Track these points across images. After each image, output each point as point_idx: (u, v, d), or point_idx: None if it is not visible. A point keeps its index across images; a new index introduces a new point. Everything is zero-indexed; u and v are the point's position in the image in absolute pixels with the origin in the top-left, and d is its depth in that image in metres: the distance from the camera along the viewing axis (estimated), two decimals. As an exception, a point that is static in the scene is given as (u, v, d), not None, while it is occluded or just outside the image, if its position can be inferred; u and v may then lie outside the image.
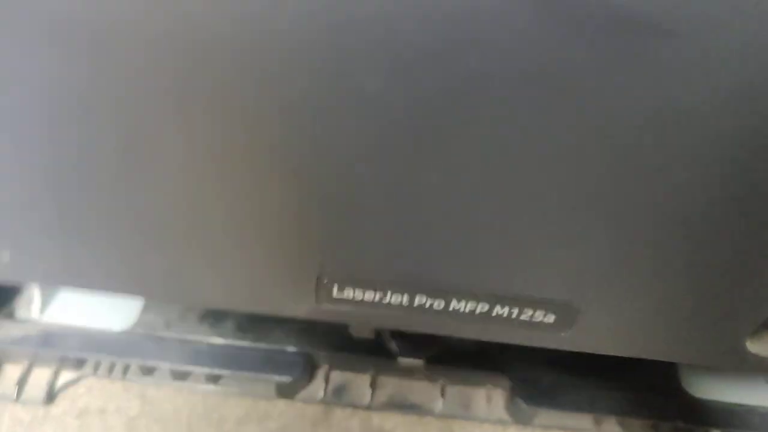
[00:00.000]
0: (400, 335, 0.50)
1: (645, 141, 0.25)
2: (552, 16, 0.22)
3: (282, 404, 0.49)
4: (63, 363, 0.49)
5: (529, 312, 0.33)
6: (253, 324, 0.51)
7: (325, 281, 0.33)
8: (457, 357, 0.51)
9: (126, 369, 0.49)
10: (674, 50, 0.22)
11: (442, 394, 0.50)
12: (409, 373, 0.51)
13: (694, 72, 0.23)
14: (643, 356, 0.36)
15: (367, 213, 0.30)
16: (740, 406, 0.50)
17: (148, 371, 0.49)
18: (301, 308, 0.35)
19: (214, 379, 0.49)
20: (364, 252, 0.32)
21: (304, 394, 0.50)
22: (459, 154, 0.27)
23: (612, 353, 0.36)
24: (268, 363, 0.49)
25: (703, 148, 0.25)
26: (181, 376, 0.49)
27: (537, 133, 0.26)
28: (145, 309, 0.52)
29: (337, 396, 0.50)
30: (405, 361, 0.50)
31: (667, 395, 0.50)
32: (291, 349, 0.50)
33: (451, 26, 0.23)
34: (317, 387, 0.50)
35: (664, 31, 0.22)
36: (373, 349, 0.51)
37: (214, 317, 0.51)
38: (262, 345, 0.50)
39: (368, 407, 0.49)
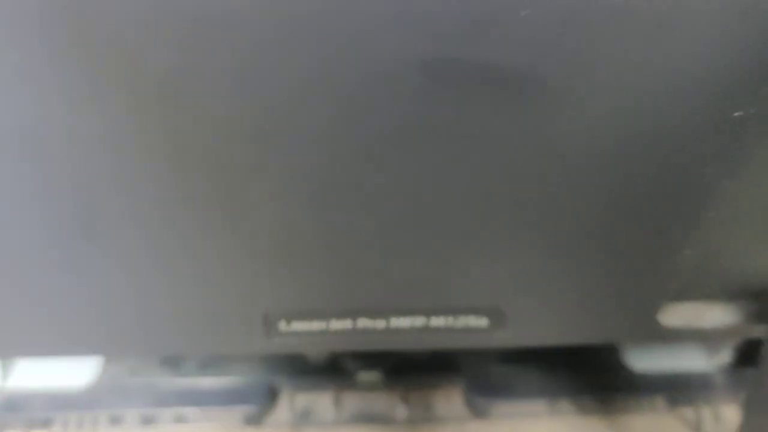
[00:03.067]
0: (355, 353, 0.53)
1: (543, 162, 0.29)
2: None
3: (252, 432, 0.51)
4: (31, 424, 0.50)
5: (463, 319, 0.36)
6: (213, 360, 0.53)
7: (272, 318, 0.35)
8: (412, 365, 0.53)
9: (95, 421, 0.50)
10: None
11: (404, 402, 0.53)
12: (369, 386, 0.53)
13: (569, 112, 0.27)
14: (571, 342, 0.40)
15: (306, 253, 0.32)
16: (678, 373, 0.54)
17: (116, 420, 0.50)
18: (254, 345, 0.37)
19: (183, 417, 0.50)
20: (305, 288, 0.34)
21: (271, 420, 0.52)
22: (380, 193, 0.30)
23: (545, 344, 0.40)
24: (233, 395, 0.51)
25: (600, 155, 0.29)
26: (149, 419, 0.50)
27: (449, 172, 0.29)
28: (108, 360, 0.53)
29: (304, 418, 0.52)
30: (363, 375, 0.53)
31: (612, 372, 0.54)
32: (252, 379, 0.52)
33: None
34: (283, 412, 0.52)
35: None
36: (331, 369, 0.53)
37: (175, 359, 0.53)
38: (224, 379, 0.52)
39: (335, 424, 0.52)
